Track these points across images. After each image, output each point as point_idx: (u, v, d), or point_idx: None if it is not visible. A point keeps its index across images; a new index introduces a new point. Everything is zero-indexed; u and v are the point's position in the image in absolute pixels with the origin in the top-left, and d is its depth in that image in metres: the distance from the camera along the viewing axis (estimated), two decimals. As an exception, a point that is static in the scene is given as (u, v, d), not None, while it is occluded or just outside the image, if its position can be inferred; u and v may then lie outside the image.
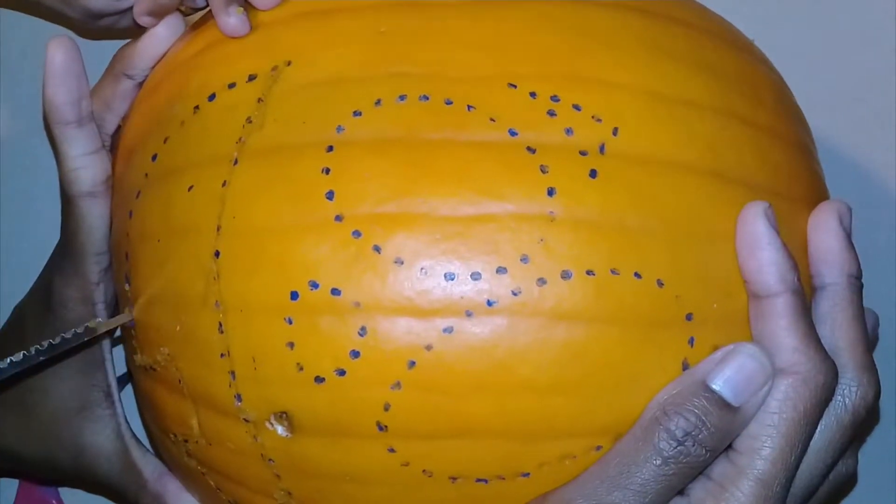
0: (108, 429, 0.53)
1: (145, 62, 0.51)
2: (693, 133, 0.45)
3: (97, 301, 0.52)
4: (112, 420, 0.53)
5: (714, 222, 0.44)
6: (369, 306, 0.43)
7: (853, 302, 0.46)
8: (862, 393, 0.45)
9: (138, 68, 0.51)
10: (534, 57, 0.45)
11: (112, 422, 0.53)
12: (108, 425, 0.53)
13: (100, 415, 0.53)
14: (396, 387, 0.43)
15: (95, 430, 0.53)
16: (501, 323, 0.42)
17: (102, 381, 0.53)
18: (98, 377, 0.53)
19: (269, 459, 0.45)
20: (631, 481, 0.42)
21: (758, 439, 0.43)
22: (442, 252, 0.43)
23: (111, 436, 0.53)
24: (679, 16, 0.48)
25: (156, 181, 0.47)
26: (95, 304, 0.52)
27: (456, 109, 0.44)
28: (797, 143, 0.48)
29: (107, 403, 0.53)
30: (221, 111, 0.46)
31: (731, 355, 0.43)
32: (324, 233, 0.43)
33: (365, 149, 0.44)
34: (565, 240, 0.42)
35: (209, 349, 0.45)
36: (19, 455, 0.54)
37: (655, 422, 0.42)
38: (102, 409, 0.53)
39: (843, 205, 0.46)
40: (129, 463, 0.53)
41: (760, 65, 0.50)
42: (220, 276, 0.44)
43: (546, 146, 0.43)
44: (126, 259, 0.48)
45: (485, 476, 0.44)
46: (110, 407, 0.53)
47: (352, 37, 0.46)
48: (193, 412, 0.46)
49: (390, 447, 0.43)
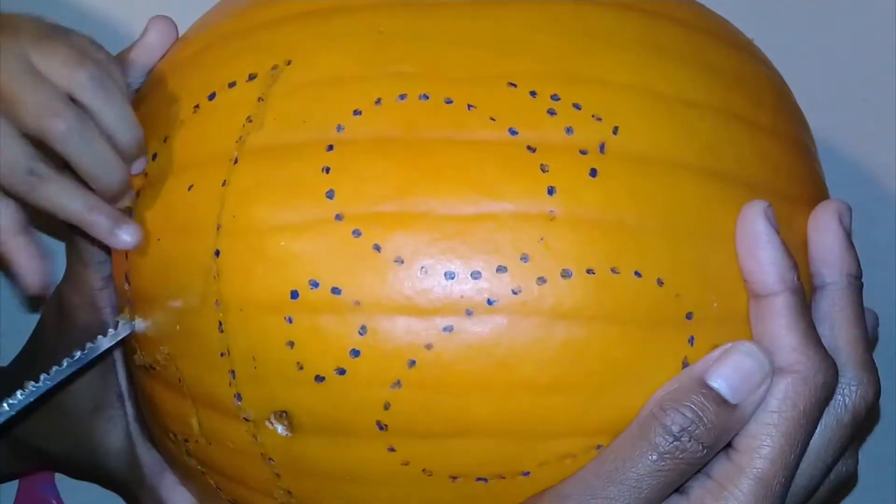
0: (119, 427, 0.54)
1: (138, 71, 0.51)
2: (693, 132, 0.45)
3: (103, 306, 0.53)
4: (123, 419, 0.54)
5: (714, 221, 0.44)
6: (369, 305, 0.43)
7: (853, 301, 0.46)
8: (862, 392, 0.45)
9: (132, 77, 0.51)
10: (534, 56, 0.45)
11: (122, 421, 0.54)
12: (119, 424, 0.54)
13: (112, 415, 0.54)
14: (396, 386, 0.43)
15: (107, 429, 0.54)
16: (501, 322, 0.42)
17: (115, 383, 0.55)
18: (112, 379, 0.54)
19: (269, 458, 0.45)
20: (626, 476, 0.42)
21: (757, 438, 0.43)
22: (442, 251, 0.43)
23: (121, 434, 0.54)
24: (679, 15, 0.48)
25: (156, 180, 0.47)
26: (101, 308, 0.53)
27: (456, 109, 0.44)
28: (797, 143, 0.48)
29: (119, 403, 0.54)
30: (221, 110, 0.46)
31: (729, 353, 0.43)
32: (324, 232, 0.43)
33: (365, 148, 0.44)
34: (565, 239, 0.43)
35: (209, 348, 0.45)
36: (47, 452, 0.56)
37: (652, 417, 0.42)
38: (115, 409, 0.54)
39: (843, 204, 0.46)
40: (134, 459, 0.54)
41: (760, 64, 0.50)
42: (220, 276, 0.44)
43: (546, 145, 0.43)
44: (126, 258, 0.48)
45: (485, 475, 0.44)
46: (122, 407, 0.55)
47: (352, 36, 0.46)
48: (193, 411, 0.46)
49: (390, 446, 0.43)
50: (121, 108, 0.46)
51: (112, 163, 0.46)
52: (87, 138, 0.45)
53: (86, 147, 0.45)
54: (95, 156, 0.45)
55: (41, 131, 0.45)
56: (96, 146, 0.45)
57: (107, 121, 0.46)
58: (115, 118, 0.46)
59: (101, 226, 0.46)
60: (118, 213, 0.47)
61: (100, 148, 0.45)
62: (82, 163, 0.45)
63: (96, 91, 0.45)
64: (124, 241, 0.47)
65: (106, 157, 0.46)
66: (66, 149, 0.45)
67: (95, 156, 0.45)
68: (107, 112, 0.46)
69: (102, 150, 0.46)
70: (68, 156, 0.45)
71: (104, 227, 0.46)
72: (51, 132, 0.45)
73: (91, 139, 0.45)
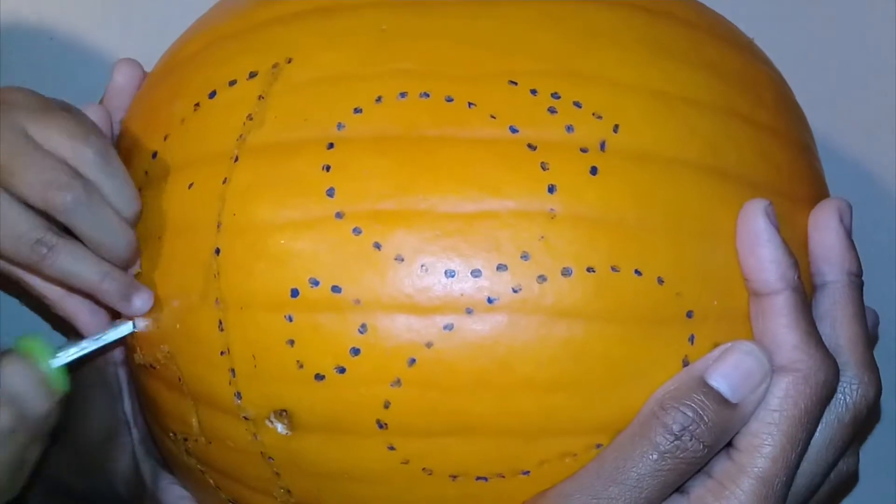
0: (127, 454, 0.55)
1: (115, 116, 0.51)
2: (694, 131, 0.45)
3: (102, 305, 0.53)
4: (130, 444, 0.55)
5: (715, 220, 0.44)
6: (370, 303, 0.43)
7: (854, 300, 0.46)
8: (863, 391, 0.45)
9: (114, 113, 0.51)
10: (535, 54, 0.45)
11: (130, 446, 0.55)
12: (127, 450, 0.55)
13: (120, 441, 0.55)
14: (396, 384, 0.43)
15: (117, 455, 0.55)
16: (502, 320, 0.42)
17: (123, 412, 0.55)
18: (119, 408, 0.55)
19: (269, 457, 0.45)
20: (627, 476, 0.42)
21: (758, 437, 0.43)
22: (442, 249, 0.43)
23: (128, 458, 0.55)
24: (680, 14, 0.48)
25: (156, 179, 0.47)
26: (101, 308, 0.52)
27: (456, 106, 0.44)
28: (797, 142, 0.48)
29: (126, 430, 0.55)
30: (222, 108, 0.46)
31: (729, 352, 0.43)
32: (324, 230, 0.43)
33: (365, 146, 0.44)
34: (566, 237, 0.42)
35: (209, 347, 0.45)
36: (73, 488, 0.57)
37: (652, 416, 0.42)
38: (124, 436, 0.55)
39: (844, 203, 0.46)
40: (139, 478, 0.55)
41: (761, 64, 0.50)
42: (221, 274, 0.44)
43: (547, 143, 0.43)
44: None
45: (485, 474, 0.44)
46: (129, 434, 0.55)
47: (352, 34, 0.46)
48: (193, 410, 0.46)
49: (390, 445, 0.43)
50: (123, 181, 0.46)
51: (120, 231, 0.46)
52: (94, 210, 0.45)
53: (94, 218, 0.45)
54: (104, 226, 0.46)
55: (47, 204, 0.45)
56: (104, 216, 0.46)
57: (111, 193, 0.46)
58: (119, 190, 0.46)
59: (114, 294, 0.47)
60: (130, 278, 0.47)
61: (107, 218, 0.46)
62: (91, 233, 0.46)
63: (102, 166, 0.46)
64: (137, 308, 0.47)
65: (114, 226, 0.46)
66: (74, 220, 0.45)
67: (104, 226, 0.46)
68: (110, 185, 0.46)
69: (110, 219, 0.46)
70: (75, 226, 0.46)
71: (116, 294, 0.47)
72: (57, 204, 0.45)
73: (98, 210, 0.46)
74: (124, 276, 0.47)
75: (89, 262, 0.46)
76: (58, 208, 0.45)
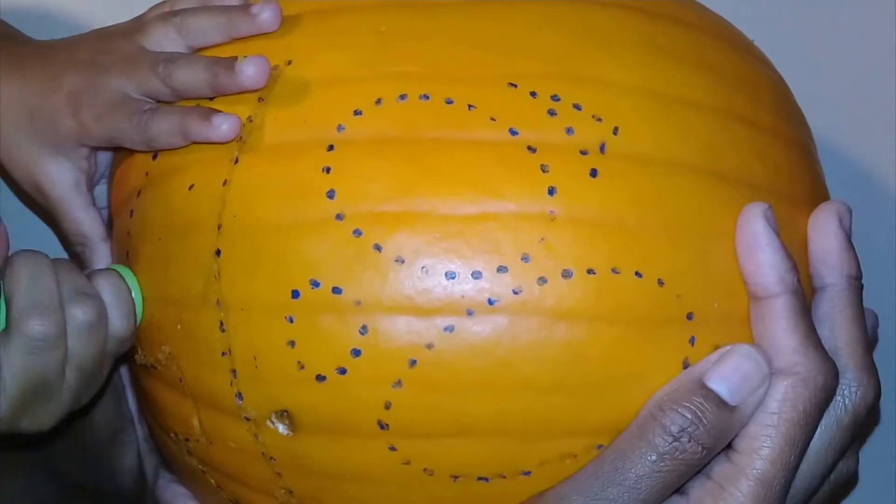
0: (132, 451, 0.56)
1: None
2: (693, 132, 0.45)
3: None
4: (135, 442, 0.56)
5: (714, 222, 0.44)
6: (370, 305, 0.43)
7: (853, 303, 0.46)
8: (862, 393, 0.45)
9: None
10: (534, 56, 0.45)
11: (135, 444, 0.56)
12: (132, 448, 0.56)
13: (125, 439, 0.56)
14: (397, 385, 0.43)
15: (123, 453, 0.56)
16: (502, 322, 0.42)
17: (128, 410, 0.56)
18: (124, 406, 0.56)
19: (270, 458, 0.45)
20: (625, 477, 0.42)
21: (757, 439, 0.43)
22: (443, 251, 0.43)
23: (133, 455, 0.56)
24: (679, 15, 0.48)
25: (157, 180, 0.47)
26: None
27: (456, 109, 0.44)
28: (797, 143, 0.48)
29: (131, 428, 0.56)
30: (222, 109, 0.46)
31: (728, 355, 0.43)
32: (325, 231, 0.43)
33: (365, 148, 0.44)
34: (566, 239, 0.43)
35: (210, 348, 0.45)
36: (83, 486, 0.57)
37: (651, 418, 0.42)
38: (129, 434, 0.56)
39: (843, 206, 0.46)
40: (142, 475, 0.55)
41: (760, 65, 0.50)
42: (221, 275, 0.44)
43: (546, 145, 0.43)
44: (127, 258, 0.48)
45: (486, 475, 0.44)
46: (133, 431, 0.56)
47: (352, 36, 0.46)
48: (194, 411, 0.46)
49: (391, 446, 0.43)
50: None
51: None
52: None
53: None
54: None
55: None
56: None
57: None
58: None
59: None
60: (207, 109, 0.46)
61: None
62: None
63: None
64: (225, 131, 0.45)
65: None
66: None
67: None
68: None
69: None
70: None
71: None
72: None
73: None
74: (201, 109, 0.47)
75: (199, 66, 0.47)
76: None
